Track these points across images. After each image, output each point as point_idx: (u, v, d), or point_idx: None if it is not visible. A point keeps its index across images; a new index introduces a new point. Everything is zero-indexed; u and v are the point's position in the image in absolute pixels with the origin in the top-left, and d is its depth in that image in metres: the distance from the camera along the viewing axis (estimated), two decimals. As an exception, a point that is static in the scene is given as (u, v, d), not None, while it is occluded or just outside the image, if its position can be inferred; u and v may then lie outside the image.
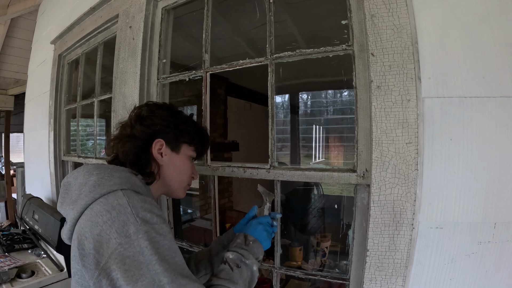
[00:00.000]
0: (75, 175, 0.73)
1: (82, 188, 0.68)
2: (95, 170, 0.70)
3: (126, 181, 0.69)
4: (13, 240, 1.96)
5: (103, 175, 0.68)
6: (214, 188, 1.21)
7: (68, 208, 0.68)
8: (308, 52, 0.97)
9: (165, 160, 0.80)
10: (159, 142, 0.79)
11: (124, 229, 0.57)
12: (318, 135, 6.02)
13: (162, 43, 1.34)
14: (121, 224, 0.58)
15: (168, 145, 0.80)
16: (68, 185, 0.73)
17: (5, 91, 3.61)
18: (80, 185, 0.69)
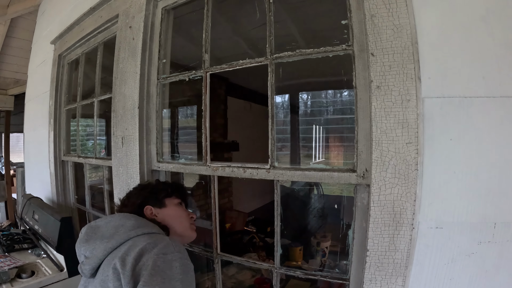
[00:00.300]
0: (107, 220, 0.85)
1: (118, 228, 0.80)
2: (133, 217, 0.85)
3: (159, 230, 0.84)
4: (13, 240, 1.95)
5: (141, 221, 0.84)
6: (214, 188, 1.21)
7: (99, 242, 0.78)
8: (308, 52, 0.97)
9: (160, 217, 0.97)
10: (148, 208, 0.97)
11: (164, 250, 0.70)
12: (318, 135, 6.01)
13: (162, 43, 1.34)
14: (161, 246, 0.70)
15: (155, 207, 0.99)
16: (97, 228, 0.84)
17: (5, 91, 3.61)
18: (115, 226, 0.81)
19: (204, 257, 1.30)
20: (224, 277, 2.05)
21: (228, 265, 2.14)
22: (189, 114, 3.38)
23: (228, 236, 2.85)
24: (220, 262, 1.24)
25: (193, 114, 3.32)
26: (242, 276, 2.13)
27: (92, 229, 0.84)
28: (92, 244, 0.79)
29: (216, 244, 1.23)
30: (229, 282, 2.07)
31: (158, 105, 1.35)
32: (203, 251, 1.30)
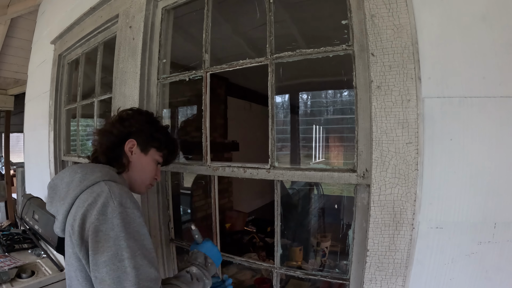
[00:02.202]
0: (61, 176, 0.84)
1: (69, 185, 0.79)
2: (79, 169, 0.82)
3: (107, 173, 0.81)
4: (13, 240, 1.96)
5: (86, 171, 0.81)
6: (214, 188, 1.21)
7: (59, 204, 0.79)
8: (308, 52, 0.97)
9: (134, 158, 0.93)
10: (131, 142, 0.93)
11: (103, 209, 0.69)
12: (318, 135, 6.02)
13: (162, 43, 1.34)
14: (101, 205, 0.70)
15: (138, 146, 0.94)
16: (55, 186, 0.83)
17: (5, 91, 3.61)
18: (67, 183, 0.80)
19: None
20: (224, 277, 2.04)
21: (228, 265, 2.14)
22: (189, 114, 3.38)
23: (228, 236, 2.86)
24: (220, 262, 1.24)
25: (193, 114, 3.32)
26: (242, 276, 2.13)
27: (52, 189, 0.84)
28: (54, 205, 0.81)
29: (216, 244, 1.23)
30: (229, 282, 2.06)
31: (158, 105, 1.35)
32: (203, 251, 1.29)
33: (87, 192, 0.75)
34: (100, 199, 0.71)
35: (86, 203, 0.72)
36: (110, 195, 0.72)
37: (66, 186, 0.80)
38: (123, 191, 0.76)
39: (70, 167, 0.86)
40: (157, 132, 0.98)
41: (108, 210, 0.69)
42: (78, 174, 0.80)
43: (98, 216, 0.69)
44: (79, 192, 0.76)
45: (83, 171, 0.81)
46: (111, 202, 0.71)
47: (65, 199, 0.77)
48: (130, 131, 0.93)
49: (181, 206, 2.98)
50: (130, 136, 0.93)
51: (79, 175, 0.80)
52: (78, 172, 0.81)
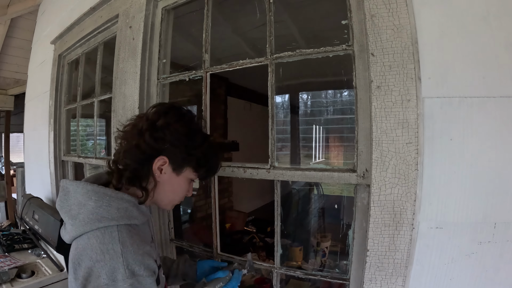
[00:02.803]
0: (74, 188, 0.73)
1: (80, 207, 0.70)
2: (94, 195, 0.71)
3: (123, 214, 0.71)
4: (13, 240, 1.96)
5: (101, 203, 0.70)
6: (214, 188, 1.21)
7: (68, 220, 0.72)
8: (308, 52, 0.97)
9: (163, 178, 0.79)
10: (162, 159, 0.76)
11: (113, 275, 0.63)
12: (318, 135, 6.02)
13: (162, 43, 1.34)
14: (111, 269, 0.63)
15: (170, 164, 0.78)
16: (67, 192, 0.74)
17: (5, 91, 3.61)
18: (78, 203, 0.71)
19: (204, 257, 1.29)
20: (224, 277, 2.04)
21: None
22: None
23: (228, 236, 2.86)
24: (220, 262, 1.24)
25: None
26: (242, 276, 2.13)
27: (63, 192, 0.74)
28: (64, 216, 0.73)
29: (216, 244, 1.23)
30: (229, 282, 2.06)
31: (158, 105, 1.34)
32: (203, 251, 1.30)
33: (96, 236, 0.67)
34: (110, 262, 0.64)
35: (93, 256, 0.65)
36: (122, 260, 0.64)
37: (77, 206, 0.71)
38: (138, 254, 0.67)
39: (85, 185, 0.73)
40: (197, 149, 0.79)
41: (118, 277, 0.63)
42: (91, 202, 0.70)
43: (108, 282, 0.62)
44: (88, 229, 0.68)
45: (98, 202, 0.70)
46: (122, 270, 0.63)
47: (74, 222, 0.70)
48: (163, 148, 0.76)
49: (181, 206, 2.98)
50: (162, 153, 0.76)
51: (92, 204, 0.70)
52: (92, 199, 0.70)
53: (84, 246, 0.68)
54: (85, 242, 0.68)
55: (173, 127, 0.76)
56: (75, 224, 0.70)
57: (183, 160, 0.79)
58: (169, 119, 0.77)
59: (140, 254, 0.67)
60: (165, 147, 0.76)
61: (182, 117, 0.80)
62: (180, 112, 0.81)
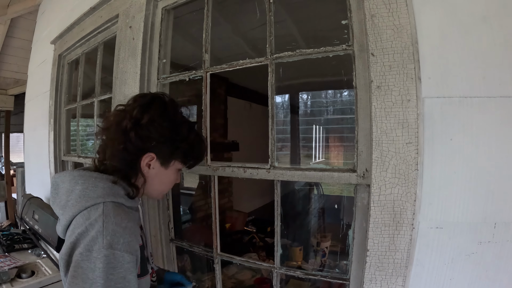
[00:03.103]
0: (62, 178, 0.75)
1: (69, 195, 0.71)
2: (80, 179, 0.72)
3: (109, 192, 0.71)
4: (13, 240, 1.96)
5: (87, 185, 0.70)
6: (214, 188, 1.21)
7: (59, 212, 0.73)
8: (308, 52, 0.97)
9: (151, 173, 0.79)
10: (150, 156, 0.76)
11: (90, 244, 0.62)
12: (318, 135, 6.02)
13: (162, 43, 1.34)
14: (89, 239, 0.62)
15: (158, 159, 0.78)
16: (57, 186, 0.75)
17: (5, 91, 3.61)
18: (67, 191, 0.72)
19: (204, 257, 1.29)
20: (224, 277, 2.05)
21: (228, 265, 2.14)
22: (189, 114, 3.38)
23: (228, 236, 2.85)
24: (220, 262, 1.24)
25: (193, 114, 3.32)
26: (242, 276, 2.13)
27: (54, 188, 0.75)
28: (55, 209, 0.74)
29: (216, 244, 1.23)
30: (229, 282, 2.07)
31: (158, 105, 1.34)
32: (203, 251, 1.30)
33: (83, 215, 0.67)
34: (91, 232, 0.63)
35: (78, 230, 0.65)
36: (102, 229, 0.63)
37: (66, 194, 0.72)
38: (119, 226, 0.65)
39: (72, 172, 0.75)
40: (183, 141, 0.80)
41: (94, 247, 0.61)
42: (78, 186, 0.71)
43: (83, 251, 0.62)
44: (76, 211, 0.68)
45: (84, 184, 0.70)
46: (100, 239, 0.62)
47: (64, 209, 0.71)
48: (150, 146, 0.76)
49: (181, 206, 2.98)
50: (149, 150, 0.76)
51: (79, 187, 0.70)
52: (79, 183, 0.71)
53: (72, 228, 0.68)
54: (73, 224, 0.68)
55: (157, 123, 0.75)
56: (65, 212, 0.70)
57: (171, 154, 0.79)
58: (153, 115, 0.75)
59: (122, 227, 0.65)
60: (152, 144, 0.75)
61: (165, 110, 0.78)
62: (163, 104, 0.79)
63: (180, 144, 0.79)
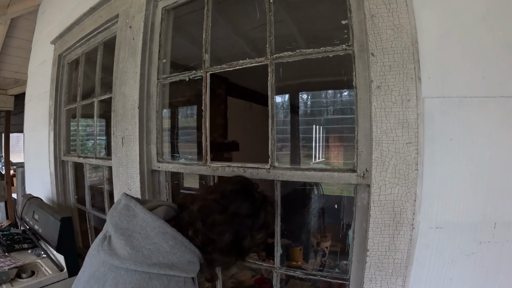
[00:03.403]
0: (144, 216, 0.69)
1: (148, 243, 0.66)
2: (171, 241, 0.68)
3: (192, 268, 0.70)
4: (13, 240, 1.95)
5: (176, 251, 0.67)
6: (214, 188, 1.21)
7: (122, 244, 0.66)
8: (308, 52, 0.97)
9: None
10: None
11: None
12: (318, 135, 6.02)
13: (162, 43, 1.34)
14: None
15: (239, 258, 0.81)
16: (134, 215, 0.70)
17: (5, 91, 3.61)
18: (147, 236, 0.67)
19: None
20: (224, 277, 2.05)
21: (228, 265, 2.13)
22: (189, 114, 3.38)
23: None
24: (220, 262, 1.23)
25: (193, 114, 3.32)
26: (242, 276, 2.13)
27: (128, 211, 0.70)
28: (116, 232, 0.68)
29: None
30: (229, 282, 2.06)
31: (158, 105, 1.35)
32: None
33: (162, 281, 0.64)
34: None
35: None
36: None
37: (144, 239, 0.66)
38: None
39: (162, 224, 0.69)
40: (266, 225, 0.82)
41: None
42: (167, 245, 0.67)
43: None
44: (155, 271, 0.64)
45: (173, 248, 0.67)
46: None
47: (134, 252, 0.65)
48: None
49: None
50: None
51: (167, 248, 0.67)
52: (169, 243, 0.67)
53: (140, 284, 0.63)
54: (145, 281, 0.64)
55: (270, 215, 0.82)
56: (136, 256, 0.65)
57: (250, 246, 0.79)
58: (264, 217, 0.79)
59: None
60: None
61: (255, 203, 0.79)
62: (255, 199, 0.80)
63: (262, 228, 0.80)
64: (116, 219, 0.71)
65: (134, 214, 0.70)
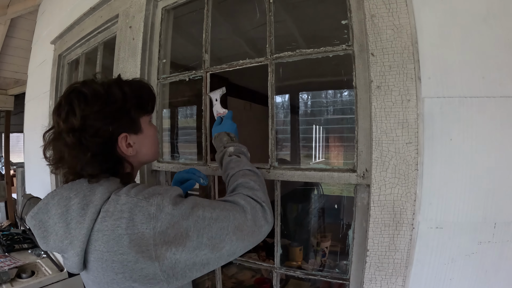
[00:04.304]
0: (44, 210, 0.62)
1: (66, 216, 0.59)
2: (71, 192, 0.61)
3: (112, 183, 0.63)
4: (13, 240, 1.95)
5: (83, 192, 0.61)
6: (214, 188, 1.21)
7: (63, 245, 0.60)
8: (308, 52, 0.97)
9: (135, 147, 0.69)
10: (123, 137, 0.66)
11: (146, 214, 0.56)
12: (318, 135, 6.02)
13: (162, 43, 1.34)
14: (140, 216, 0.56)
15: (130, 133, 0.68)
16: (43, 224, 0.62)
17: (5, 91, 3.61)
18: (60, 215, 0.60)
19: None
20: (224, 277, 2.05)
21: (228, 265, 2.14)
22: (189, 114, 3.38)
23: (228, 236, 2.84)
24: (220, 262, 1.23)
25: (193, 114, 3.32)
26: (242, 276, 2.13)
27: (39, 228, 0.62)
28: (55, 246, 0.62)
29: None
30: (229, 282, 2.07)
31: (158, 105, 1.35)
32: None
33: (104, 220, 0.57)
34: (133, 212, 0.56)
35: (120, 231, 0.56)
36: (136, 200, 0.58)
37: (62, 220, 0.59)
38: (144, 188, 0.61)
39: (51, 195, 0.63)
40: (127, 98, 0.68)
41: (151, 211, 0.56)
42: (72, 200, 0.60)
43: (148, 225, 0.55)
44: (90, 223, 0.58)
45: (79, 193, 0.60)
46: (145, 203, 0.57)
47: (70, 234, 0.59)
48: (111, 132, 0.65)
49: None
50: (115, 134, 0.66)
51: (76, 200, 0.60)
52: (72, 197, 0.60)
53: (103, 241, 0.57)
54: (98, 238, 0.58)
55: (90, 111, 0.62)
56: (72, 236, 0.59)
57: (132, 118, 0.69)
58: (81, 110, 0.62)
59: (146, 189, 0.61)
60: (112, 128, 0.64)
61: (80, 94, 0.64)
62: (72, 92, 0.65)
63: (127, 104, 0.68)
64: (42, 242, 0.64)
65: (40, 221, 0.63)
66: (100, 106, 0.63)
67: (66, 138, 0.61)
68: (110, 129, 0.64)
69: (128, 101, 0.68)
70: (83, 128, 0.62)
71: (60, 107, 0.64)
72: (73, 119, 0.62)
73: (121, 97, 0.67)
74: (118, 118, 0.66)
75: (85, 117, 0.62)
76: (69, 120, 0.62)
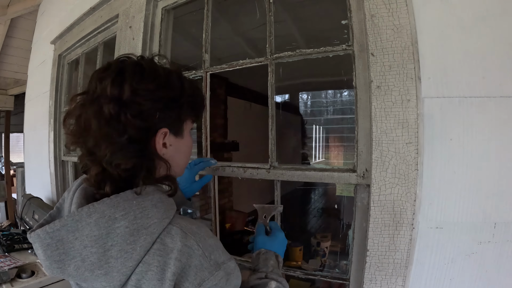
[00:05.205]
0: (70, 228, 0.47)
1: (106, 241, 0.46)
2: (117, 211, 0.48)
3: (167, 204, 0.53)
4: (13, 240, 1.95)
5: (134, 213, 0.48)
6: (214, 188, 1.21)
7: (92, 275, 0.47)
8: (308, 52, 0.97)
9: (170, 152, 0.58)
10: (163, 132, 0.55)
11: (199, 276, 0.48)
12: (318, 135, 6.03)
13: (162, 43, 1.34)
14: (194, 272, 0.48)
15: (171, 132, 0.58)
16: (62, 244, 0.47)
17: (5, 91, 3.61)
18: (96, 238, 0.46)
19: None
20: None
21: (228, 265, 2.13)
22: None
23: (228, 236, 2.86)
24: (220, 262, 1.23)
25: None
26: (242, 276, 2.13)
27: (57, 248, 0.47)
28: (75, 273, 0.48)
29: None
30: (229, 282, 2.07)
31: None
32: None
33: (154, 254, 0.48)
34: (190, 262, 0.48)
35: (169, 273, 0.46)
36: (201, 251, 0.49)
37: (96, 244, 0.46)
38: (208, 235, 0.54)
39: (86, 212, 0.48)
40: (183, 93, 0.59)
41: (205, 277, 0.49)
42: (119, 222, 0.47)
43: None
44: (139, 257, 0.47)
45: (127, 214, 0.48)
46: (206, 263, 0.49)
47: (109, 265, 0.46)
48: (154, 121, 0.54)
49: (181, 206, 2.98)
50: (157, 127, 0.55)
51: (123, 223, 0.47)
52: (118, 217, 0.47)
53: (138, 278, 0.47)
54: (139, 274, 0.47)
55: (142, 89, 0.52)
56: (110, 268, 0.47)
57: (179, 116, 0.59)
58: (132, 82, 0.52)
59: (210, 236, 0.54)
60: (156, 117, 0.54)
61: (141, 69, 0.55)
62: (134, 65, 0.56)
63: (181, 99, 0.58)
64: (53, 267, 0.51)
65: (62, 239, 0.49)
66: (155, 87, 0.54)
67: (104, 106, 0.50)
68: (157, 115, 0.53)
69: (183, 97, 0.58)
70: (128, 104, 0.51)
71: (107, 71, 0.54)
72: (120, 88, 0.51)
73: (179, 88, 0.58)
74: (169, 108, 0.55)
75: (135, 92, 0.51)
76: (115, 87, 0.51)
